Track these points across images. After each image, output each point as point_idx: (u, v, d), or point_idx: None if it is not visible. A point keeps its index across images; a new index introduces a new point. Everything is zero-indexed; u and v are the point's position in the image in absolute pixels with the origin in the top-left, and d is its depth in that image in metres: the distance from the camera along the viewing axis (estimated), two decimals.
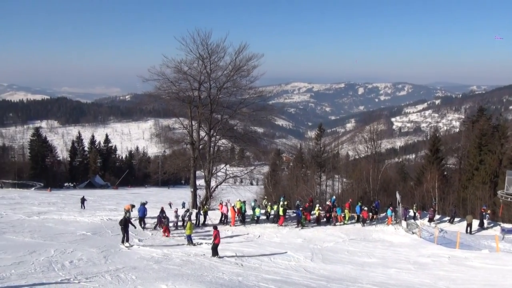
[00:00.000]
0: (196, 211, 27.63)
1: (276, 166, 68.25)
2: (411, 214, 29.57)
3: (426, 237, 24.92)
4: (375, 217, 29.11)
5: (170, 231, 22.81)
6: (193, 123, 33.18)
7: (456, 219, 28.22)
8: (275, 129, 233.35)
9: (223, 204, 27.45)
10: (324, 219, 28.92)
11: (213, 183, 34.18)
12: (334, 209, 28.90)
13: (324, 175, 53.99)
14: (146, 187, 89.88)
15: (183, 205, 41.32)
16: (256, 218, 27.61)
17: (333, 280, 14.97)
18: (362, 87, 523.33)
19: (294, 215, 28.94)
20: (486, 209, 26.92)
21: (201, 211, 26.68)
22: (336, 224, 28.33)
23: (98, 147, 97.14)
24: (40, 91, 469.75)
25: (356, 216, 29.13)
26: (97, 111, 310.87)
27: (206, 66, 31.46)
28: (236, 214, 26.98)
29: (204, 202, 31.99)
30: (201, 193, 36.18)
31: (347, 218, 28.70)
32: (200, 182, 42.18)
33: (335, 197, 36.89)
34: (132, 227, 20.23)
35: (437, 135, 54.67)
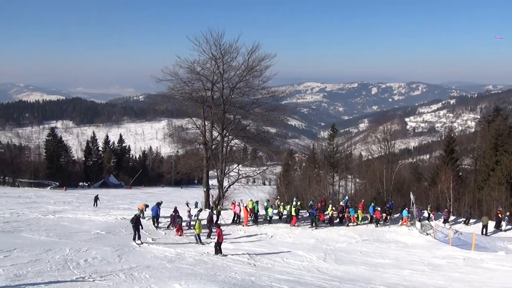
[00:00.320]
0: (209, 210, 27.73)
1: (288, 166, 68.10)
2: (425, 215, 29.26)
3: (441, 238, 24.63)
4: (389, 217, 28.87)
5: (183, 231, 22.96)
6: (206, 123, 33.26)
7: (472, 220, 27.88)
8: (288, 129, 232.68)
9: (236, 204, 27.52)
10: (337, 219, 28.81)
11: (225, 183, 34.22)
12: (347, 209, 28.76)
13: (337, 176, 53.78)
14: (162, 186, 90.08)
15: (196, 204, 41.50)
16: (268, 218, 27.62)
17: (346, 280, 14.90)
18: (375, 87, 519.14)
19: (307, 215, 28.86)
20: (501, 210, 26.49)
21: (214, 211, 26.78)
22: (349, 224, 28.18)
23: (112, 147, 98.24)
24: (55, 92, 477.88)
25: (369, 217, 28.93)
26: (111, 111, 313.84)
27: (219, 66, 31.50)
28: (249, 214, 27.04)
29: (217, 202, 32.09)
30: (213, 193, 36.30)
31: (360, 219, 28.52)
32: (212, 182, 42.31)
33: (348, 197, 36.74)
34: (141, 226, 20.37)
35: (452, 135, 53.86)
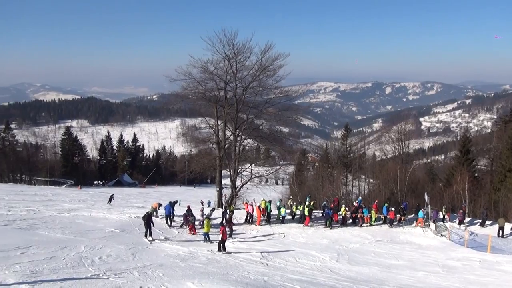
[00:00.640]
0: (222, 210, 27.83)
1: (301, 166, 68.00)
2: (440, 216, 28.91)
3: (456, 240, 24.30)
4: (403, 218, 28.59)
5: (196, 230, 23.06)
6: (219, 123, 33.33)
7: (488, 222, 27.45)
8: (301, 129, 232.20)
9: (249, 203, 27.56)
10: (350, 220, 28.65)
11: (238, 183, 34.25)
12: (361, 210, 28.56)
13: (350, 176, 53.49)
14: (180, 186, 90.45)
15: (209, 204, 41.69)
16: (281, 218, 27.59)
17: (359, 281, 14.81)
18: (389, 87, 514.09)
19: (320, 215, 28.74)
20: None
21: (227, 210, 26.85)
22: (362, 225, 28.00)
23: (126, 146, 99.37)
24: (71, 91, 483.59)
25: (383, 217, 28.70)
26: (125, 110, 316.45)
27: (232, 66, 31.52)
28: (262, 214, 27.04)
29: (230, 201, 32.17)
30: (226, 192, 36.37)
31: (373, 219, 28.30)
32: (225, 181, 42.40)
33: (361, 197, 36.51)
34: (152, 223, 20.56)
35: (467, 135, 53.17)
